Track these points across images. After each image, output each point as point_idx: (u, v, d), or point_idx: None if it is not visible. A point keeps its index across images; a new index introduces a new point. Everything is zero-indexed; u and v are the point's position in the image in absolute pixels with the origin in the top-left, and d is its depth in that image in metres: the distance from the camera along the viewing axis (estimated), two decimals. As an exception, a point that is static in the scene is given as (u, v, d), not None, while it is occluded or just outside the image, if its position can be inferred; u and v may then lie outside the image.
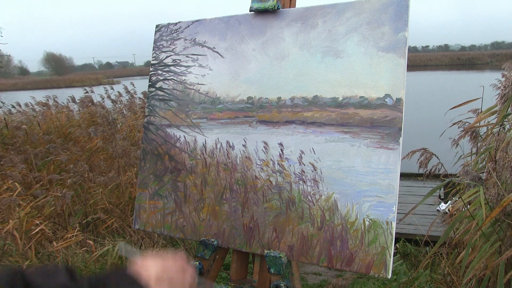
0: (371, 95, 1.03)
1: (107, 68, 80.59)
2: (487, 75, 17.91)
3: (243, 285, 1.22)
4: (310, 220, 1.07)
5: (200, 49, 1.31)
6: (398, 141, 0.99)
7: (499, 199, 1.73)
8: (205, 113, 1.27)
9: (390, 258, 0.96)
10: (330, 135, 1.07)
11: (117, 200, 3.92)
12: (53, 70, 65.24)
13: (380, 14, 1.04)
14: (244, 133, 1.20)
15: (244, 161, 1.19)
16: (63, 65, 68.31)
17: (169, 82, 1.35)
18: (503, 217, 1.65)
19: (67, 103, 7.09)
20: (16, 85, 36.99)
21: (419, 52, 66.23)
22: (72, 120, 6.30)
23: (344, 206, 1.03)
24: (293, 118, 1.13)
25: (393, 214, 0.97)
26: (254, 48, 1.21)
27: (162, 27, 1.40)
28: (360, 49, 1.06)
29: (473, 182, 1.72)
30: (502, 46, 60.78)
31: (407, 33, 1.01)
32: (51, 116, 6.51)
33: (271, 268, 1.09)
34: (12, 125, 5.25)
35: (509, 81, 1.74)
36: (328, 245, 1.04)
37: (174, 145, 1.32)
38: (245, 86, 1.21)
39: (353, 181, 1.03)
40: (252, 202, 1.16)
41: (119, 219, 3.65)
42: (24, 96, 8.93)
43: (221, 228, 1.20)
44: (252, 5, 1.21)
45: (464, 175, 1.77)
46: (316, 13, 1.13)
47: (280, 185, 1.12)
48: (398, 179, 0.98)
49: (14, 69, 52.59)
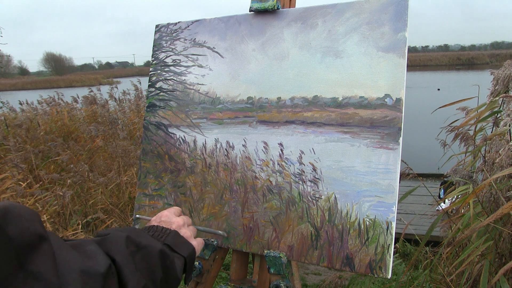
0: (371, 95, 1.03)
1: (107, 68, 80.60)
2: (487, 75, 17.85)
3: (243, 285, 1.22)
4: (310, 220, 1.07)
5: (200, 49, 1.31)
6: (398, 141, 0.99)
7: (492, 199, 1.73)
8: (205, 113, 1.27)
9: (390, 258, 0.96)
10: (330, 135, 1.08)
11: (117, 200, 3.92)
12: (53, 70, 65.26)
13: (380, 14, 1.05)
14: (244, 133, 1.20)
15: (244, 161, 1.19)
16: (63, 65, 68.33)
17: (169, 82, 1.36)
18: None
19: (72, 102, 7.11)
20: (16, 85, 36.96)
21: (419, 52, 66.20)
22: (75, 120, 6.31)
23: (344, 206, 1.03)
24: (293, 118, 1.13)
25: (393, 214, 0.97)
26: (254, 48, 1.21)
27: (162, 27, 1.40)
28: (360, 49, 1.06)
29: (463, 180, 1.73)
30: (502, 46, 60.78)
31: (406, 33, 1.01)
32: (53, 116, 6.52)
33: (271, 268, 1.09)
34: (14, 124, 5.25)
35: (498, 78, 1.74)
36: (328, 245, 1.04)
37: (174, 145, 1.32)
38: (245, 86, 1.21)
39: (353, 181, 1.03)
40: (252, 202, 1.16)
41: (118, 219, 3.65)
42: (24, 96, 8.93)
43: (221, 228, 1.20)
44: (252, 5, 1.21)
45: (453, 173, 1.77)
46: (316, 13, 1.13)
47: (280, 185, 1.13)
48: (398, 179, 0.98)
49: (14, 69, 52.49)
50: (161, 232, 0.78)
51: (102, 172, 4.35)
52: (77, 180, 3.87)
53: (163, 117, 1.35)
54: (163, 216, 0.85)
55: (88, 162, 4.48)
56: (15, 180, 3.66)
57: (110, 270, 0.56)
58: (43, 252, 0.48)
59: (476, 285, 1.76)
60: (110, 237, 0.63)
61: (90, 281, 0.52)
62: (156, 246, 0.69)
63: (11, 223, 0.45)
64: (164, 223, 0.83)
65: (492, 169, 1.73)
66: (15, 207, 0.48)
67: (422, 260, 2.68)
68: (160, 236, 0.76)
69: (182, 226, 0.84)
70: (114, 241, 0.63)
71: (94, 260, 0.55)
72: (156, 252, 0.68)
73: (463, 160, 2.47)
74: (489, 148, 1.89)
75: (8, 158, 4.09)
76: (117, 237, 0.64)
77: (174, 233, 0.79)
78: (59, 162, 4.32)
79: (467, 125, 2.15)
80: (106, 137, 5.02)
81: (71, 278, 0.49)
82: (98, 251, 0.58)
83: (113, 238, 0.63)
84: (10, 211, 0.46)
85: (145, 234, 0.72)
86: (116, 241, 0.63)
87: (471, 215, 1.61)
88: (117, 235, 0.65)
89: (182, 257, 0.75)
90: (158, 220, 0.84)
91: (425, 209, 4.83)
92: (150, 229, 0.79)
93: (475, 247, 1.64)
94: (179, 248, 0.76)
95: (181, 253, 0.75)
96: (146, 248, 0.67)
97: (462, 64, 44.57)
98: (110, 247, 0.61)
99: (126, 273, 0.59)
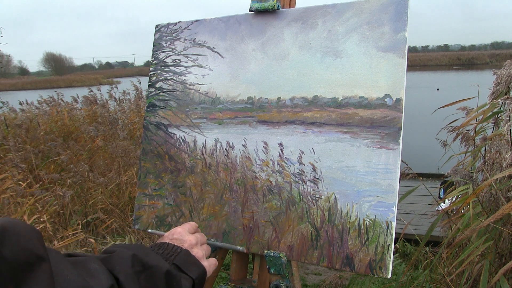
0: (371, 95, 1.03)
1: (107, 68, 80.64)
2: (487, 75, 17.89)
3: (243, 285, 1.22)
4: (310, 220, 1.07)
5: (200, 49, 1.31)
6: (398, 141, 0.99)
7: (492, 199, 1.73)
8: (205, 113, 1.27)
9: (390, 258, 0.96)
10: (330, 135, 1.07)
11: (117, 200, 3.93)
12: (53, 70, 65.31)
13: (380, 14, 1.05)
14: (244, 133, 1.20)
15: (244, 161, 1.19)
16: (63, 65, 68.39)
17: (169, 82, 1.36)
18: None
19: (72, 102, 7.11)
20: (16, 85, 36.95)
21: (418, 52, 66.21)
22: (75, 120, 6.31)
23: (344, 206, 1.03)
24: (293, 118, 1.13)
25: (393, 214, 0.97)
26: (254, 48, 1.21)
27: (162, 27, 1.40)
28: (360, 49, 1.06)
29: (463, 180, 1.73)
30: (502, 46, 60.80)
31: (406, 33, 1.01)
32: (53, 116, 6.52)
33: (271, 268, 1.09)
34: (14, 124, 5.25)
35: (500, 78, 1.74)
36: (328, 245, 1.04)
37: (174, 145, 1.32)
38: (245, 86, 1.21)
39: (353, 181, 1.03)
40: (252, 202, 1.16)
41: (118, 219, 3.65)
42: (24, 96, 8.94)
43: (221, 228, 1.20)
44: (252, 5, 1.21)
45: (453, 173, 1.77)
46: (316, 13, 1.13)
47: (280, 185, 1.13)
48: (398, 179, 0.98)
49: (14, 69, 52.50)
50: (171, 251, 0.75)
51: (102, 172, 4.35)
52: (77, 180, 3.87)
53: (163, 117, 1.35)
54: (176, 234, 0.82)
55: (88, 162, 4.48)
56: (15, 180, 3.66)
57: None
58: (41, 273, 0.46)
59: (476, 285, 1.76)
60: (116, 255, 0.62)
61: None
62: (163, 267, 0.66)
63: (8, 243, 0.44)
64: (176, 240, 0.80)
65: (492, 169, 1.73)
66: (14, 225, 0.47)
67: (422, 260, 2.68)
68: (170, 255, 0.73)
69: (194, 245, 0.81)
70: (119, 259, 0.61)
71: (96, 279, 0.54)
72: (162, 273, 0.65)
73: (463, 160, 2.47)
74: (489, 148, 1.89)
75: (8, 158, 4.09)
76: (123, 255, 0.62)
77: (185, 252, 0.76)
78: (59, 162, 4.31)
79: (468, 125, 2.15)
80: (106, 137, 5.02)
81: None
82: (102, 269, 0.56)
83: (118, 256, 0.62)
84: (7, 230, 0.45)
85: (153, 253, 0.70)
86: (121, 260, 0.61)
87: (471, 215, 1.61)
88: (123, 253, 0.63)
89: (191, 278, 0.72)
90: (171, 237, 0.81)
91: (425, 209, 4.83)
92: (160, 247, 0.76)
93: (475, 247, 1.64)
94: (188, 268, 0.73)
95: (189, 274, 0.72)
96: (152, 269, 0.64)
97: (462, 64, 44.58)
98: (114, 266, 0.59)
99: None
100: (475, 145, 2.24)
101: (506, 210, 1.26)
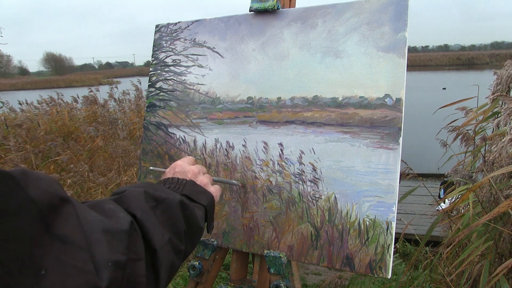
0: (371, 95, 1.03)
1: (107, 68, 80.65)
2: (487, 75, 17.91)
3: (243, 285, 1.22)
4: (310, 220, 1.07)
5: (200, 49, 1.31)
6: (398, 141, 0.99)
7: (492, 199, 1.73)
8: (205, 113, 1.27)
9: (390, 258, 0.96)
10: (330, 135, 1.07)
11: (117, 200, 3.92)
12: (53, 70, 65.32)
13: (379, 14, 1.05)
14: (244, 133, 1.20)
15: (244, 161, 1.19)
16: (63, 65, 68.39)
17: (169, 82, 1.36)
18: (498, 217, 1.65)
19: (72, 102, 7.10)
20: (16, 85, 36.96)
21: (418, 52, 66.21)
22: (75, 120, 6.31)
23: (344, 206, 1.03)
24: (293, 118, 1.13)
25: (393, 214, 0.97)
26: (254, 48, 1.21)
27: (162, 27, 1.40)
28: (360, 49, 1.06)
29: (463, 180, 1.73)
30: (502, 46, 60.80)
31: (406, 33, 1.01)
32: (54, 116, 6.51)
33: (271, 268, 1.09)
34: (14, 124, 5.25)
35: (500, 78, 1.74)
36: (328, 245, 1.04)
37: (174, 145, 1.32)
38: (245, 86, 1.21)
39: (353, 181, 1.03)
40: (252, 202, 1.16)
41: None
42: (24, 96, 8.93)
43: (220, 228, 1.20)
44: (252, 5, 1.21)
45: (453, 173, 1.77)
46: (316, 13, 1.13)
47: (280, 185, 1.13)
48: (398, 179, 0.98)
49: (14, 69, 52.50)
50: (177, 183, 0.75)
51: (102, 172, 4.35)
52: (77, 180, 3.87)
53: (163, 117, 1.35)
54: (177, 167, 0.82)
55: (88, 162, 4.48)
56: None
57: (133, 227, 0.54)
58: (67, 214, 0.45)
59: (476, 285, 1.76)
60: (127, 194, 0.61)
61: (114, 239, 0.49)
62: (175, 198, 0.66)
63: (32, 184, 0.43)
64: (179, 173, 0.80)
65: (492, 169, 1.73)
66: (33, 171, 0.46)
67: (422, 260, 2.68)
68: (177, 188, 0.74)
69: (197, 174, 0.81)
70: (132, 197, 0.60)
71: (116, 218, 0.53)
72: (176, 204, 0.65)
73: (463, 160, 2.47)
74: (489, 148, 1.89)
75: (8, 158, 4.09)
76: (134, 193, 0.62)
77: (191, 182, 0.76)
78: (59, 162, 4.31)
79: (468, 125, 2.15)
80: (106, 137, 5.02)
81: (94, 238, 0.47)
82: (118, 209, 0.56)
83: (130, 195, 0.61)
84: (28, 174, 0.44)
85: (162, 187, 0.70)
86: (134, 197, 0.60)
87: (470, 215, 1.61)
88: (134, 191, 0.62)
89: (202, 206, 0.73)
90: (173, 171, 0.81)
91: (425, 209, 4.83)
92: (166, 182, 0.76)
93: (475, 247, 1.64)
94: (197, 197, 0.74)
95: (200, 202, 0.73)
96: (165, 201, 0.64)
97: (462, 64, 44.58)
98: (129, 204, 0.58)
99: (149, 228, 0.57)
100: (475, 145, 2.25)
101: (503, 208, 1.26)
